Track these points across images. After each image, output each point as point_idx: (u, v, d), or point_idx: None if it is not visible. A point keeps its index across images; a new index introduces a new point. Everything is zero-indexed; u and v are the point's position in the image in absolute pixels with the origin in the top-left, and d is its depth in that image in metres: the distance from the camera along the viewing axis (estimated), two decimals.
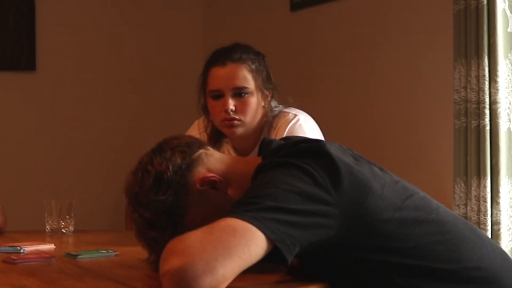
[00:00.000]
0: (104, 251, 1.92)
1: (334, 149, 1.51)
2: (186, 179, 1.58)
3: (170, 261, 1.33)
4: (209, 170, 1.60)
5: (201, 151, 1.62)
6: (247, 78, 2.30)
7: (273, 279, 1.53)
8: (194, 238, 1.37)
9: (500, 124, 2.55)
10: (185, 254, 1.32)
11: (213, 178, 1.59)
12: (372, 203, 1.47)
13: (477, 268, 1.52)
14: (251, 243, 1.35)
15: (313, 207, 1.42)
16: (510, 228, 2.56)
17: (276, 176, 1.46)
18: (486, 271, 1.53)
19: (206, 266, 1.31)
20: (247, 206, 1.40)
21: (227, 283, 1.33)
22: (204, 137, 2.41)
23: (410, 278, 1.49)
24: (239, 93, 2.29)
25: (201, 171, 1.60)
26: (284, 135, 2.29)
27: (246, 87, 2.29)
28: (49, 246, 2.05)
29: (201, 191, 1.58)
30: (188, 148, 1.62)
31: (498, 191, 2.55)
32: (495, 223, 2.54)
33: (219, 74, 2.30)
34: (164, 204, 1.57)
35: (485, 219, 2.56)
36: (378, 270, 1.50)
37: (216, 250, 1.32)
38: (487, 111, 2.56)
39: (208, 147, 1.66)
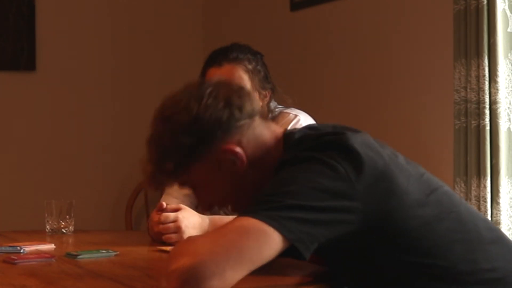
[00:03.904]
0: (104, 251, 1.92)
1: (359, 143, 1.48)
2: (217, 137, 1.53)
3: (179, 260, 1.31)
4: (240, 144, 1.55)
5: (246, 121, 1.56)
6: (243, 78, 2.30)
7: (272, 281, 1.53)
8: (206, 238, 1.36)
9: (500, 124, 2.55)
10: (195, 254, 1.30)
11: (237, 156, 1.54)
12: (396, 199, 1.45)
13: (492, 270, 1.50)
14: (264, 246, 1.34)
15: (335, 203, 1.40)
16: (510, 228, 2.56)
17: (298, 173, 1.43)
18: (502, 272, 1.51)
19: (216, 268, 1.29)
20: (265, 205, 1.37)
21: (233, 285, 1.32)
22: None
23: (425, 277, 1.47)
24: None
25: (233, 140, 1.54)
26: None
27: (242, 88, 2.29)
28: (49, 246, 2.05)
29: (220, 158, 1.54)
30: (239, 111, 1.55)
31: (498, 191, 2.55)
32: (495, 223, 2.54)
33: (215, 74, 2.30)
34: (185, 143, 1.53)
35: None
36: (394, 268, 1.48)
37: (228, 252, 1.31)
38: (487, 111, 2.56)
39: (257, 117, 1.59)
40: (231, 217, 2.26)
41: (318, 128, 1.64)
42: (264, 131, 1.59)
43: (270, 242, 1.34)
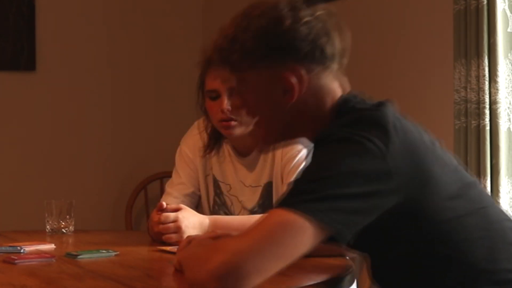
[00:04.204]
0: (104, 251, 1.92)
1: (399, 125, 1.47)
2: (286, 60, 1.50)
3: (215, 259, 1.31)
4: (300, 81, 1.50)
5: (320, 66, 1.51)
6: None
7: (272, 282, 1.53)
8: (245, 235, 1.35)
9: (500, 124, 2.55)
10: (234, 252, 1.31)
11: (291, 89, 1.49)
12: (430, 187, 1.44)
13: None
14: (305, 242, 1.34)
15: (373, 187, 1.38)
16: None
17: (335, 156, 1.40)
18: None
19: (256, 264, 1.31)
20: (303, 196, 1.36)
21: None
22: (204, 137, 2.41)
23: (449, 272, 1.45)
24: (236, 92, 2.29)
25: (296, 73, 1.50)
26: None
27: None
28: (49, 246, 2.05)
29: (276, 81, 1.51)
30: (320, 52, 1.51)
31: (498, 191, 2.55)
32: None
33: (215, 74, 2.30)
34: (258, 46, 1.50)
35: None
36: (418, 259, 1.46)
37: (267, 248, 1.31)
38: (487, 111, 2.56)
39: (331, 67, 1.54)
40: (231, 217, 2.28)
41: (364, 102, 1.60)
42: (328, 86, 1.55)
43: (310, 237, 1.34)
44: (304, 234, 1.33)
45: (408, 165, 1.42)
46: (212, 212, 2.40)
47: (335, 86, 1.57)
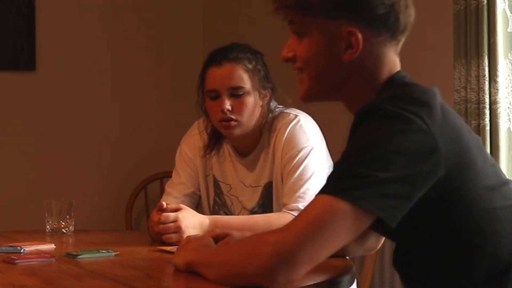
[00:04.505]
0: (104, 251, 1.92)
1: (446, 108, 1.46)
2: (360, 18, 1.47)
3: (264, 250, 1.34)
4: (365, 42, 1.48)
5: (389, 34, 1.49)
6: (243, 78, 2.30)
7: None
8: (293, 225, 1.37)
9: (500, 124, 2.55)
10: (286, 242, 1.33)
11: (355, 46, 1.48)
12: (471, 173, 1.43)
13: None
14: (352, 228, 1.35)
15: (420, 167, 1.36)
16: None
17: (383, 134, 1.38)
18: None
19: (310, 253, 1.33)
20: (351, 181, 1.35)
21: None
22: (204, 137, 2.41)
23: (480, 265, 1.44)
24: (236, 93, 2.29)
25: (363, 33, 1.48)
26: (285, 136, 2.29)
27: (242, 87, 2.29)
28: (49, 246, 2.05)
29: (342, 35, 1.48)
30: (395, 19, 1.48)
31: None
32: None
33: (215, 74, 2.30)
34: None
35: None
36: (449, 246, 1.44)
37: (319, 237, 1.33)
38: (487, 111, 2.56)
39: (398, 38, 1.52)
40: (231, 217, 2.28)
41: (407, 81, 1.58)
42: (389, 57, 1.53)
43: (361, 224, 1.35)
44: (351, 221, 1.34)
45: (453, 147, 1.41)
46: (212, 212, 2.40)
47: (395, 58, 1.56)
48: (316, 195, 1.39)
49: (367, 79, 1.52)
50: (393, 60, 1.55)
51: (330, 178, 1.41)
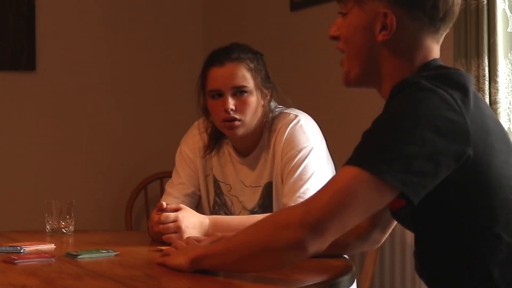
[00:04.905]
0: (104, 251, 1.92)
1: (478, 96, 1.48)
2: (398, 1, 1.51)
3: (298, 210, 1.38)
4: (401, 25, 1.52)
5: (426, 19, 1.52)
6: (246, 77, 2.30)
7: (272, 282, 1.53)
8: (320, 193, 1.40)
9: None
10: (317, 207, 1.36)
11: (390, 27, 1.51)
12: (496, 161, 1.43)
13: None
14: (377, 200, 1.37)
15: (448, 144, 1.38)
16: None
17: (414, 106, 1.40)
18: None
19: (339, 219, 1.36)
20: (378, 154, 1.37)
21: None
22: (204, 137, 2.41)
23: (490, 251, 1.44)
24: (239, 92, 2.29)
25: (400, 16, 1.52)
26: (285, 136, 2.29)
27: (245, 86, 2.29)
28: (49, 246, 2.05)
29: (378, 17, 1.53)
30: (433, 6, 1.51)
31: None
32: None
33: (217, 74, 2.30)
34: None
35: None
36: (468, 237, 1.44)
37: (347, 205, 1.36)
38: None
39: (436, 25, 1.54)
40: (231, 217, 2.28)
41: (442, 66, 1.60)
42: (425, 42, 1.55)
43: (382, 193, 1.37)
44: (375, 193, 1.36)
45: (481, 133, 1.42)
46: (212, 212, 2.40)
47: (433, 46, 1.57)
48: (343, 166, 1.42)
49: (401, 63, 1.55)
50: (430, 47, 1.57)
51: (358, 148, 1.43)
